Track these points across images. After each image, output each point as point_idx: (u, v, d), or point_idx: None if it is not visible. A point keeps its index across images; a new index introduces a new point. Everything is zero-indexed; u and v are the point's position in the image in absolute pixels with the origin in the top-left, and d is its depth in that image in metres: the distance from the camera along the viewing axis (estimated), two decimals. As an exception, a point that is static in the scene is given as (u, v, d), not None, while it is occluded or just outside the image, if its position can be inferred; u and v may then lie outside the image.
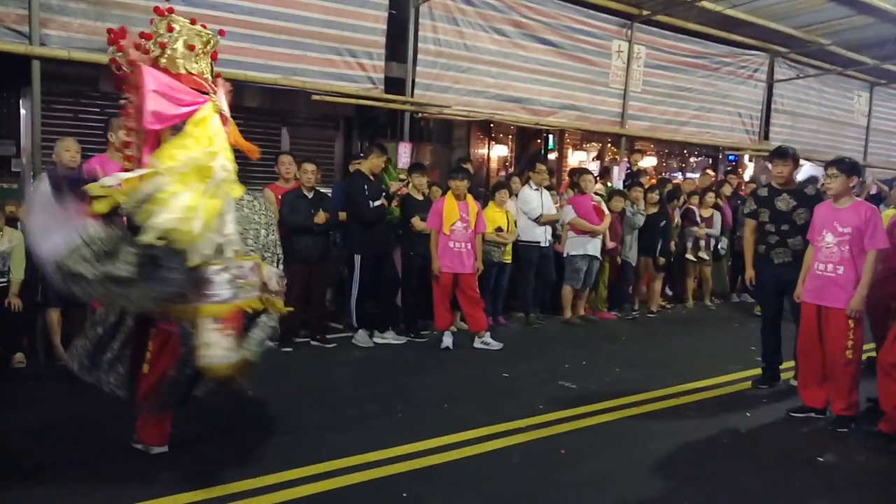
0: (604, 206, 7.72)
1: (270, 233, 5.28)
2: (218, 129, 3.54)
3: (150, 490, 3.30)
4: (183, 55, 3.56)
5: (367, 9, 7.30)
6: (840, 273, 4.58)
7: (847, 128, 13.16)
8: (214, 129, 3.51)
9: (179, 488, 3.33)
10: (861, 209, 4.57)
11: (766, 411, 5.00)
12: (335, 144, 8.83)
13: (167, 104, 3.37)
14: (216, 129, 3.53)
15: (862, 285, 4.49)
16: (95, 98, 6.98)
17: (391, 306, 6.67)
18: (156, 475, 3.46)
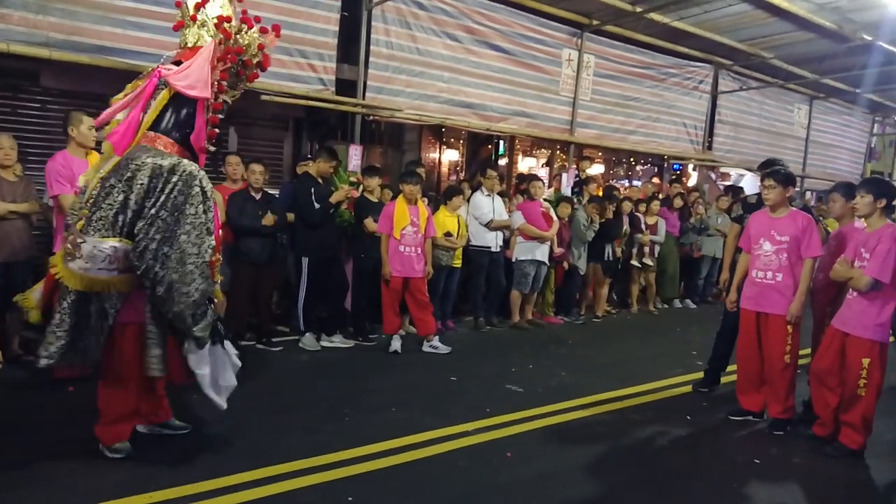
0: (552, 213, 7.83)
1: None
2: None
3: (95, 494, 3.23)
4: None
5: (319, 10, 7.24)
6: (779, 280, 4.74)
7: (787, 139, 13.70)
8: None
9: (119, 493, 3.26)
10: (798, 219, 4.74)
11: (705, 415, 5.15)
12: (284, 145, 8.70)
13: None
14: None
15: (800, 292, 4.66)
16: (35, 93, 6.72)
17: (339, 309, 6.62)
18: (96, 480, 3.38)
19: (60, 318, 3.38)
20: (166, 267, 3.32)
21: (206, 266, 3.41)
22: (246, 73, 3.77)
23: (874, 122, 16.30)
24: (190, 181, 3.38)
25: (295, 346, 6.24)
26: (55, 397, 4.38)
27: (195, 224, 3.37)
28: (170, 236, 3.33)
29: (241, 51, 3.63)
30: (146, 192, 3.34)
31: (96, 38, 5.93)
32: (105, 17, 5.95)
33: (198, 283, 3.39)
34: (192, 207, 3.37)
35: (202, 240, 3.40)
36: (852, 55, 10.31)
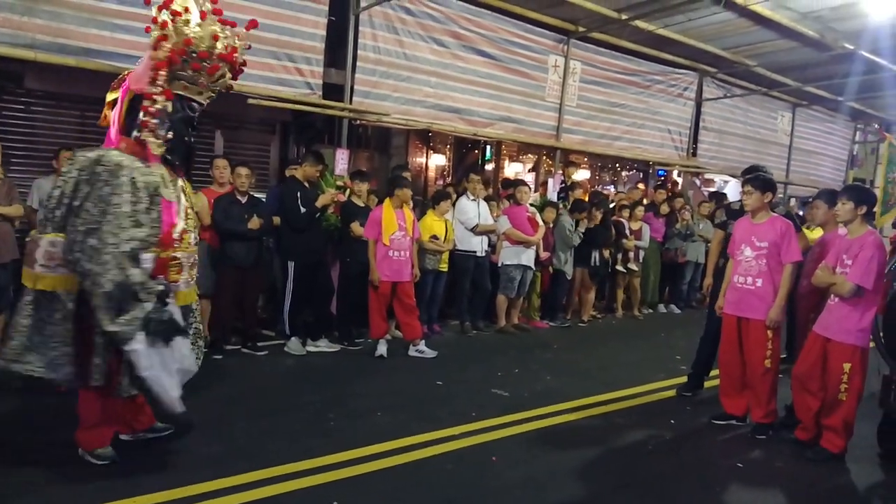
0: (538, 218, 7.87)
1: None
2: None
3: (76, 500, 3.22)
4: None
5: (307, 14, 7.24)
6: (759, 286, 4.79)
7: (771, 146, 13.85)
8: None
9: (101, 498, 3.23)
10: (777, 224, 4.80)
11: (689, 419, 5.19)
12: (271, 149, 8.68)
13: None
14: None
15: (780, 297, 4.72)
16: (20, 95, 6.67)
17: (325, 314, 6.61)
18: (78, 485, 3.36)
19: (17, 318, 3.41)
20: (91, 259, 3.26)
21: (124, 257, 3.28)
22: (203, 67, 3.58)
23: (856, 129, 16.50)
24: (116, 171, 3.34)
25: (280, 351, 6.22)
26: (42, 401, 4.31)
27: (117, 214, 3.30)
28: (95, 228, 3.28)
29: (190, 42, 3.48)
30: (76, 184, 3.34)
31: (82, 40, 5.90)
32: (91, 19, 5.92)
33: (112, 275, 3.25)
34: (117, 198, 3.31)
35: (122, 230, 3.30)
36: (834, 64, 10.45)
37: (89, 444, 3.60)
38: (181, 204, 3.72)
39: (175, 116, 3.62)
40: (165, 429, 3.98)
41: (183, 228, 3.70)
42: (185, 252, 3.73)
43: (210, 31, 3.57)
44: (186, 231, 3.73)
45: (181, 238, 3.68)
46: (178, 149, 3.70)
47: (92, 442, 3.61)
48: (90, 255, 3.26)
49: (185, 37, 3.49)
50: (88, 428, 3.60)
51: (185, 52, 3.50)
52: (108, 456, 3.60)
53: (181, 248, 3.69)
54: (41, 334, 3.35)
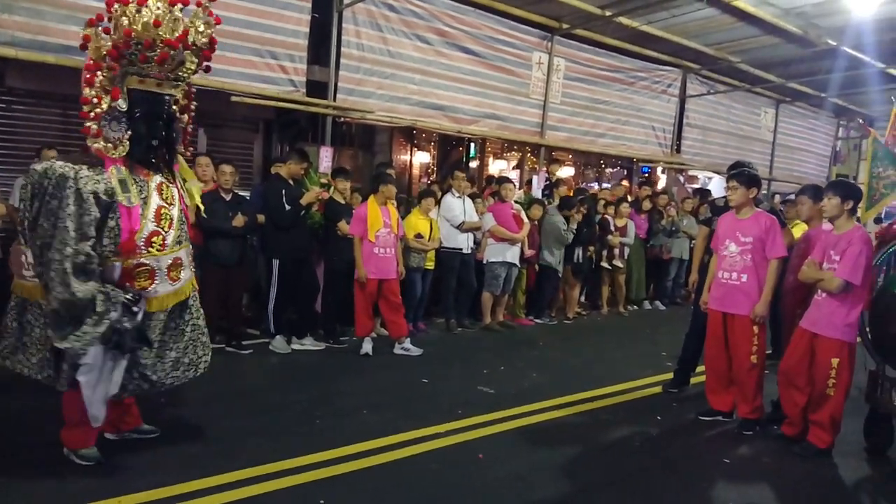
0: (523, 215, 7.87)
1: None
2: None
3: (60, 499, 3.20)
4: None
5: (290, 11, 7.20)
6: (744, 281, 4.80)
7: (754, 143, 13.96)
8: None
9: (86, 498, 3.21)
10: (761, 219, 4.81)
11: (675, 415, 5.20)
12: (254, 147, 8.62)
13: None
14: None
15: (765, 292, 4.72)
16: (1, 94, 6.58)
17: (310, 312, 6.57)
18: (63, 485, 3.34)
19: (7, 320, 3.55)
20: (48, 271, 3.23)
21: (68, 274, 3.19)
22: (150, 57, 3.41)
23: (839, 125, 16.67)
24: (61, 183, 3.25)
25: (265, 349, 6.17)
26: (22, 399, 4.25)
27: (60, 228, 3.22)
28: (49, 242, 3.24)
29: (129, 33, 3.32)
30: (31, 199, 3.31)
31: (62, 37, 5.82)
32: (71, 16, 5.84)
33: (57, 292, 3.19)
34: (63, 211, 3.23)
35: (65, 245, 3.21)
36: (817, 60, 10.55)
37: (74, 443, 3.57)
38: (150, 206, 3.54)
39: (133, 113, 3.50)
40: (151, 431, 3.95)
41: (151, 231, 3.51)
42: (154, 256, 3.53)
43: (149, 17, 3.35)
44: (157, 233, 3.54)
45: (148, 242, 3.51)
46: (144, 146, 3.56)
47: (77, 442, 3.57)
48: (48, 267, 3.24)
49: (124, 28, 3.33)
50: (73, 427, 3.56)
51: (128, 44, 3.35)
52: (93, 456, 3.57)
53: (150, 253, 3.52)
54: (29, 336, 3.47)
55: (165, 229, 3.60)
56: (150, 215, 3.54)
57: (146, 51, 3.39)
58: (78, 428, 3.55)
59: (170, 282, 3.65)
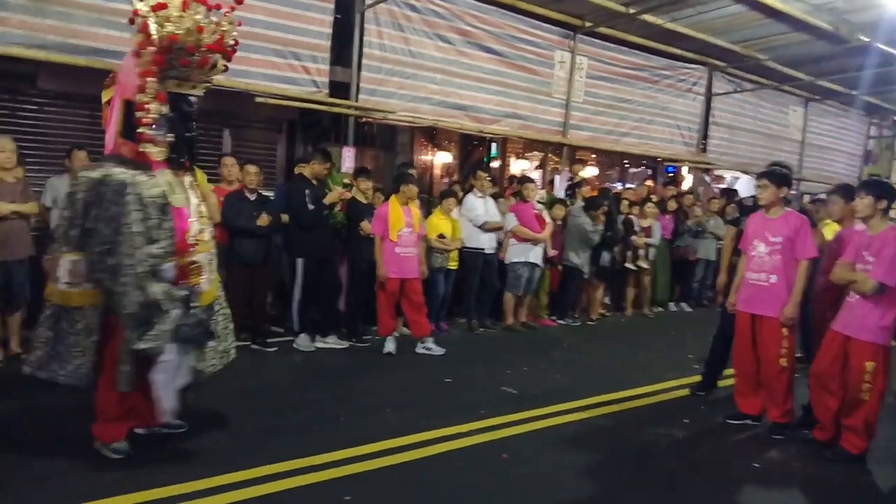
0: (545, 215, 7.82)
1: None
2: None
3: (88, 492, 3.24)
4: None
5: (313, 12, 7.23)
6: (773, 282, 4.69)
7: (782, 142, 13.70)
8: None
9: (117, 490, 3.27)
10: (791, 219, 4.70)
11: (703, 418, 5.11)
12: (278, 147, 8.68)
13: None
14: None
15: (795, 293, 4.61)
16: (33, 95, 6.70)
17: (333, 311, 6.59)
18: (95, 477, 3.39)
19: (41, 330, 3.53)
20: (112, 278, 3.34)
21: (143, 277, 3.33)
22: (192, 62, 3.48)
23: (871, 124, 16.26)
24: (121, 190, 3.34)
25: (289, 347, 6.21)
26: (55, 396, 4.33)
27: (128, 234, 3.33)
28: (111, 248, 3.33)
29: (175, 39, 3.38)
30: (85, 206, 3.36)
31: (92, 40, 5.92)
32: (100, 19, 5.94)
33: (133, 296, 3.32)
34: (126, 217, 3.33)
35: (136, 249, 3.33)
36: (848, 57, 10.30)
37: (106, 437, 3.64)
38: (192, 204, 3.69)
39: (173, 116, 3.57)
40: (180, 425, 3.98)
41: (198, 230, 3.68)
42: (203, 253, 3.71)
43: (193, 24, 3.43)
44: (202, 231, 3.72)
45: (197, 241, 3.66)
46: (181, 148, 3.66)
47: (108, 435, 3.64)
48: (111, 273, 3.33)
49: (170, 34, 3.38)
50: (105, 422, 3.64)
51: (172, 50, 3.41)
52: (124, 450, 3.63)
53: (199, 250, 3.67)
54: (63, 344, 3.47)
55: (204, 226, 3.76)
56: (194, 214, 3.66)
57: (189, 56, 3.47)
58: (111, 423, 3.63)
59: (210, 276, 3.79)
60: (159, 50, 3.40)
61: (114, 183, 3.34)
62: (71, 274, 3.44)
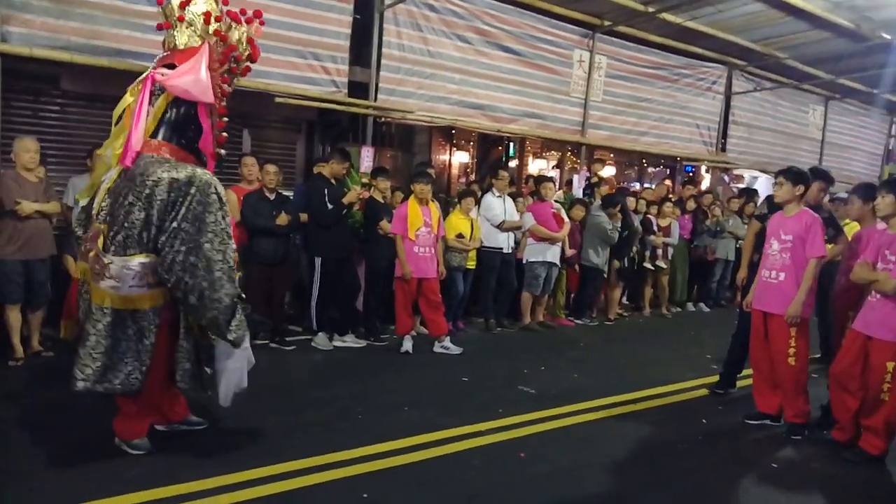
0: (563, 214, 7.81)
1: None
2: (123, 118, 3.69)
3: (111, 487, 3.28)
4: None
5: (332, 13, 7.27)
6: (781, 279, 4.68)
7: (802, 141, 13.55)
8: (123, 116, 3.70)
9: (139, 486, 3.31)
10: (803, 217, 4.67)
11: (721, 418, 5.09)
12: (297, 147, 8.75)
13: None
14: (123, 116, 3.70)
15: (800, 292, 4.57)
16: (56, 96, 6.82)
17: (351, 309, 6.64)
18: (117, 473, 3.44)
19: (96, 340, 3.40)
20: (195, 276, 3.39)
21: (232, 270, 3.47)
22: (239, 69, 3.73)
23: (892, 123, 16.03)
24: (206, 190, 3.42)
25: (308, 346, 6.26)
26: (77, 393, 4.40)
27: (216, 231, 3.43)
28: (194, 246, 3.38)
29: (234, 48, 3.60)
30: (166, 206, 3.38)
31: (115, 41, 6.00)
32: (123, 20, 6.01)
33: (227, 289, 3.46)
34: (212, 215, 3.42)
35: (225, 245, 3.47)
36: (869, 55, 10.16)
37: (127, 433, 3.68)
38: None
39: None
40: (199, 422, 4.04)
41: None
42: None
43: (245, 34, 3.65)
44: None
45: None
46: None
47: (130, 432, 3.68)
48: (197, 273, 3.38)
49: (231, 44, 3.57)
50: (127, 418, 3.68)
51: (229, 58, 3.59)
52: (145, 446, 3.68)
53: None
54: (117, 352, 3.44)
55: None
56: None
57: (237, 63, 3.65)
58: (133, 419, 3.68)
59: None
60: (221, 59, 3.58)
61: (202, 183, 3.41)
62: (139, 277, 3.40)
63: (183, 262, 3.37)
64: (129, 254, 3.42)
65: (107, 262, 3.38)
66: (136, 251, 3.42)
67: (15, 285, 5.17)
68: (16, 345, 5.24)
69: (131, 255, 3.42)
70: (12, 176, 5.22)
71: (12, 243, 5.15)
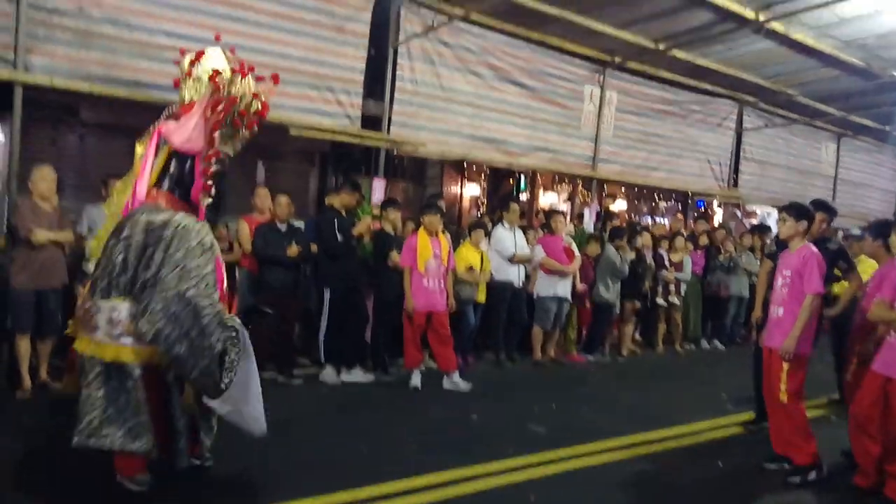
0: (574, 248, 7.77)
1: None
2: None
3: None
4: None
5: (348, 48, 7.36)
6: (779, 315, 4.63)
7: (815, 177, 13.51)
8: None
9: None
10: (802, 252, 4.60)
11: (738, 461, 4.96)
12: (310, 178, 8.81)
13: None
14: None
15: (794, 327, 4.47)
16: (74, 125, 6.90)
17: (359, 342, 6.58)
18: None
19: (88, 392, 3.33)
20: (181, 325, 3.23)
21: (220, 315, 3.36)
22: (242, 123, 3.73)
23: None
24: (185, 235, 3.32)
25: (315, 379, 6.20)
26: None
27: (201, 276, 3.29)
28: (176, 295, 3.22)
29: (235, 101, 3.61)
30: (142, 249, 3.31)
31: (133, 73, 6.08)
32: (141, 52, 6.10)
33: (218, 334, 3.32)
34: (193, 261, 3.29)
35: (210, 291, 3.33)
36: (881, 92, 10.21)
37: (128, 470, 3.60)
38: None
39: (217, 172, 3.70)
40: (204, 458, 3.97)
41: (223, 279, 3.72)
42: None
43: (250, 88, 3.66)
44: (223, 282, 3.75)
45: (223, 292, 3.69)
46: (213, 203, 3.77)
47: (130, 468, 3.60)
48: (176, 321, 3.22)
49: (231, 95, 3.57)
50: (128, 454, 3.59)
51: (231, 110, 3.59)
52: (146, 482, 3.60)
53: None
54: (116, 405, 3.32)
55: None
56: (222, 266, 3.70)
57: (240, 118, 3.65)
58: (132, 455, 3.59)
59: None
60: (224, 109, 3.57)
61: (179, 227, 3.32)
62: (110, 323, 3.33)
63: (164, 310, 3.21)
64: (112, 296, 3.35)
65: (90, 306, 3.34)
66: (118, 294, 3.35)
67: (26, 314, 5.16)
68: (24, 375, 5.21)
69: (115, 297, 3.35)
70: (28, 205, 5.25)
71: (25, 271, 5.16)
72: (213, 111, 3.60)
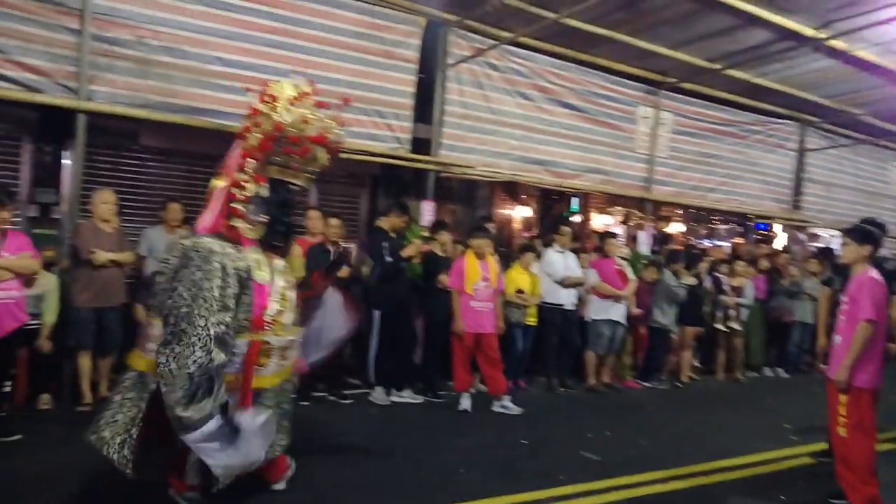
0: (628, 271, 7.58)
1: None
2: None
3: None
4: None
5: (397, 72, 7.46)
6: (837, 343, 4.41)
7: (884, 199, 12.92)
8: None
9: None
10: (858, 278, 4.36)
11: (803, 494, 4.68)
12: (361, 201, 8.90)
13: None
14: None
15: (847, 357, 4.23)
16: (135, 151, 7.17)
17: (409, 363, 6.54)
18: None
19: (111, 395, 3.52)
20: (179, 341, 3.21)
21: (209, 340, 3.24)
22: (294, 151, 3.62)
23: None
24: (209, 257, 3.35)
25: (365, 399, 6.19)
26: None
27: (207, 297, 3.28)
28: (187, 312, 3.24)
29: (280, 127, 3.53)
30: (175, 271, 3.37)
31: (189, 99, 6.29)
32: (197, 80, 6.31)
33: (197, 355, 3.18)
34: (208, 282, 3.31)
35: (211, 313, 3.28)
36: (951, 111, 9.72)
37: (181, 486, 3.66)
38: (276, 285, 3.70)
39: (270, 200, 3.66)
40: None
41: (277, 310, 3.66)
42: (277, 336, 3.64)
43: (300, 115, 3.60)
44: (281, 313, 3.69)
45: (273, 321, 3.64)
46: (275, 231, 3.73)
47: (181, 485, 3.66)
48: (179, 338, 3.22)
49: (276, 123, 3.55)
50: (181, 473, 3.65)
51: (277, 137, 3.56)
52: (197, 499, 3.65)
53: (273, 331, 3.63)
54: (122, 413, 3.42)
55: (287, 310, 3.74)
56: (275, 295, 3.67)
57: (292, 145, 3.60)
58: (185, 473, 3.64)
59: (281, 362, 3.72)
60: (266, 136, 3.55)
61: (202, 249, 3.38)
62: (150, 339, 3.42)
63: (173, 325, 3.24)
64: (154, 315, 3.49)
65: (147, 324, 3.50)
66: (157, 315, 3.45)
67: (88, 332, 5.39)
68: (85, 390, 5.42)
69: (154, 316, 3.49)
70: (90, 227, 5.47)
71: (87, 291, 5.37)
72: (244, 137, 3.62)
